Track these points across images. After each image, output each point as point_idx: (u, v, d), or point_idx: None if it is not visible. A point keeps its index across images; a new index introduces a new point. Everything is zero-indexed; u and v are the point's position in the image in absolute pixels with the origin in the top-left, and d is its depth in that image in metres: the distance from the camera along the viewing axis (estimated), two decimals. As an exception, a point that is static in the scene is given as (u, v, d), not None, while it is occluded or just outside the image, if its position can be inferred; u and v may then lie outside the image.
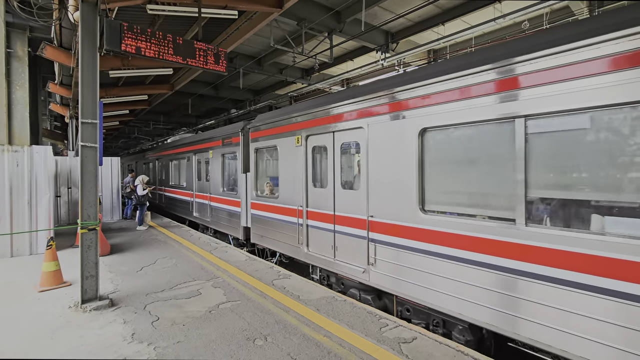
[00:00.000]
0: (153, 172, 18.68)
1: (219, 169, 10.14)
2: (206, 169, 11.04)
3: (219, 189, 10.17)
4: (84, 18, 4.70)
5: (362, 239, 5.15)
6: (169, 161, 15.44)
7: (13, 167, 7.61)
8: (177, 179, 14.38)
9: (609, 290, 2.78)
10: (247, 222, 8.70)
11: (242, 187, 8.82)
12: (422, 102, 4.31)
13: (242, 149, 8.92)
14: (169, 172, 15.31)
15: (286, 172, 6.97)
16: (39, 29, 9.27)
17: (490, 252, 3.59)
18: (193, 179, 12.22)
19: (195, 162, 11.80)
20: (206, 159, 11.03)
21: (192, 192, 12.28)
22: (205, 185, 11.21)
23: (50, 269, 5.62)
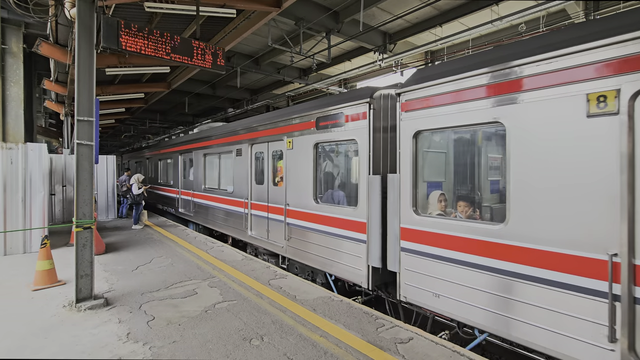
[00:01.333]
0: (168, 171, 15.39)
1: (307, 166, 6.34)
2: (273, 167, 7.59)
3: (306, 198, 6.34)
4: (81, 15, 4.65)
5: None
6: (199, 157, 11.60)
7: (7, 165, 7.53)
8: (214, 181, 10.71)
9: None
10: (388, 261, 4.85)
11: (367, 198, 5.13)
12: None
13: (371, 133, 5.13)
14: (197, 172, 11.67)
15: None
16: (35, 25, 9.16)
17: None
18: (248, 182, 8.44)
19: (251, 157, 8.38)
20: (275, 153, 7.52)
21: (244, 199, 8.52)
22: (277, 192, 7.33)
23: (45, 268, 5.57)
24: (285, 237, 6.85)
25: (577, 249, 3.01)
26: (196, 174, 11.65)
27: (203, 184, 11.13)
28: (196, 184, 11.63)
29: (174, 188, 13.96)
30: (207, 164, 11.05)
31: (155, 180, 17.13)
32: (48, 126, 21.65)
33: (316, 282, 6.42)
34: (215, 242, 9.14)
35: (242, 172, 8.57)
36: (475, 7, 8.33)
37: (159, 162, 16.62)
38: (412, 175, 4.48)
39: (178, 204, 13.46)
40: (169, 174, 15.07)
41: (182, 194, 13.07)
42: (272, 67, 13.09)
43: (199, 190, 11.34)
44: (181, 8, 6.07)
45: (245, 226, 8.36)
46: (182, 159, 13.27)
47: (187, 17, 7.15)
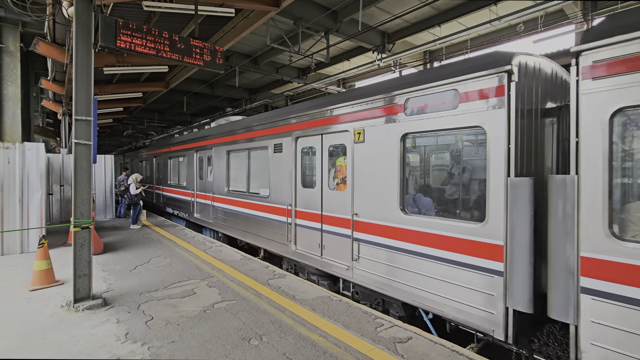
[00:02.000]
0: (180, 171, 13.31)
1: (389, 166, 4.81)
2: (331, 166, 5.98)
3: (388, 208, 4.83)
4: (79, 14, 4.63)
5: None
6: (221, 154, 9.72)
7: (4, 164, 7.49)
8: (242, 183, 8.87)
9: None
10: (550, 306, 3.36)
11: (504, 210, 3.66)
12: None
13: (512, 116, 3.64)
14: (219, 172, 9.86)
15: None
16: (32, 24, 9.14)
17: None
18: (291, 184, 6.72)
19: (296, 153, 6.65)
20: (335, 148, 5.86)
21: (286, 206, 6.85)
22: (336, 199, 5.75)
23: (42, 268, 5.55)
24: (352, 257, 5.29)
25: None
26: (217, 175, 9.86)
27: (226, 186, 9.40)
28: (217, 186, 9.85)
29: (188, 190, 12.09)
30: (233, 163, 9.28)
31: (164, 181, 15.18)
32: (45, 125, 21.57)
33: (390, 314, 5.00)
34: (214, 241, 9.12)
35: (282, 172, 6.91)
36: (474, 7, 8.35)
37: (169, 160, 14.47)
38: (607, 179, 2.93)
39: (193, 209, 11.62)
40: (182, 174, 13.12)
41: (199, 197, 11.22)
42: (271, 67, 13.08)
43: (221, 193, 9.59)
44: (179, 7, 6.05)
45: (288, 239, 6.69)
46: (199, 156, 11.36)
47: (186, 16, 7.13)
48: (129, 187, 11.44)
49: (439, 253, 4.20)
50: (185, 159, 12.71)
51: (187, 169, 12.42)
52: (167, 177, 14.77)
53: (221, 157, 9.66)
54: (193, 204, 11.72)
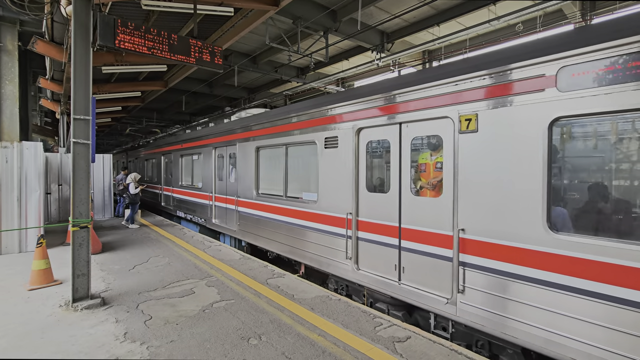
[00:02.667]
0: (194, 171, 11.88)
1: (524, 164, 3.51)
2: (412, 165, 4.67)
3: (521, 224, 3.52)
4: (77, 12, 4.62)
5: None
6: (248, 151, 8.32)
7: (2, 164, 7.47)
8: (277, 185, 7.50)
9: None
10: None
11: None
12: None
13: None
14: (246, 172, 8.42)
15: None
16: (30, 23, 9.10)
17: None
18: (349, 187, 5.46)
19: (357, 148, 5.37)
20: (420, 140, 4.66)
21: (344, 215, 5.54)
22: (423, 207, 4.48)
23: (41, 267, 5.54)
24: (456, 287, 3.94)
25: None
26: (243, 175, 8.52)
27: (255, 188, 8.01)
28: (244, 188, 8.49)
29: (205, 192, 10.66)
30: (264, 161, 7.93)
31: (174, 182, 13.69)
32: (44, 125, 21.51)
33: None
34: (213, 241, 9.11)
35: (338, 172, 5.62)
36: (473, 6, 8.36)
37: (181, 159, 12.96)
38: None
39: (211, 213, 10.23)
40: (196, 174, 11.71)
41: (218, 201, 9.89)
42: (270, 66, 13.06)
43: (249, 196, 8.21)
44: (178, 6, 6.04)
45: (347, 256, 5.36)
46: (218, 154, 10.00)
47: (185, 15, 7.11)
48: (128, 187, 11.41)
49: (615, 291, 2.90)
50: (200, 156, 11.16)
51: (203, 168, 10.91)
52: (178, 177, 13.23)
53: (248, 154, 8.26)
54: (211, 208, 10.27)
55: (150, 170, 17.35)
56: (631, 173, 3.03)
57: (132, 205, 11.37)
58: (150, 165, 17.51)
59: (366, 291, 5.39)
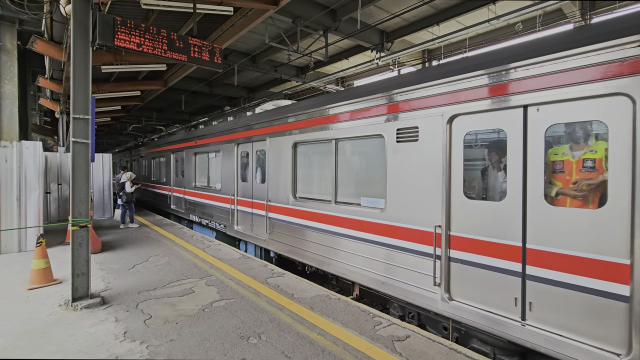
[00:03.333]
0: (213, 171, 10.56)
1: None
2: (552, 164, 3.46)
3: None
4: (76, 11, 4.61)
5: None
6: (283, 147, 7.14)
7: (1, 163, 7.46)
8: (323, 189, 6.35)
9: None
10: None
11: None
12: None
13: None
14: (279, 172, 7.25)
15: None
16: (29, 22, 9.08)
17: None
18: (437, 193, 4.27)
19: (452, 143, 4.19)
20: (573, 129, 3.36)
21: (430, 228, 4.32)
22: (563, 225, 3.26)
23: (40, 267, 5.54)
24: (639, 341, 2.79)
25: None
26: (276, 176, 7.27)
27: (292, 191, 6.80)
28: (276, 191, 7.26)
29: (224, 195, 9.54)
30: (303, 159, 6.72)
31: (187, 183, 12.38)
32: (43, 124, 21.49)
33: None
34: (213, 240, 9.11)
35: (416, 172, 4.46)
36: (472, 6, 8.36)
37: (194, 157, 11.71)
38: None
39: (232, 219, 9.04)
40: (214, 175, 10.53)
41: (241, 205, 8.76)
42: (269, 65, 13.06)
43: (283, 201, 7.01)
44: (178, 5, 6.03)
45: (436, 281, 4.16)
46: (240, 151, 8.86)
47: (184, 14, 7.11)
48: (124, 186, 11.29)
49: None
50: (219, 154, 9.89)
51: (222, 167, 9.69)
52: (191, 177, 12.00)
53: (283, 151, 7.06)
54: (232, 213, 9.10)
55: (158, 170, 16.06)
56: None
57: (128, 205, 11.26)
58: (157, 165, 16.18)
59: (452, 323, 4.28)
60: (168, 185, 14.37)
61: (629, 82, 2.85)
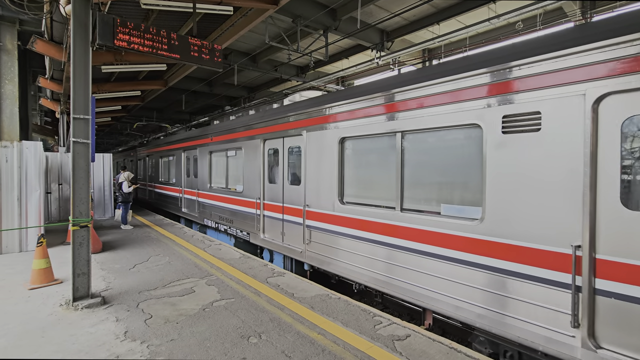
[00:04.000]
0: (243, 172, 8.65)
1: None
2: None
3: None
4: (76, 12, 4.61)
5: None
6: (328, 144, 6.01)
7: (2, 163, 7.47)
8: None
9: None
10: None
11: None
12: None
13: None
14: (327, 173, 6.05)
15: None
16: (29, 22, 9.09)
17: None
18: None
19: (591, 131, 3.07)
20: None
21: (573, 250, 3.14)
22: None
23: (41, 267, 5.55)
24: None
25: None
26: (316, 177, 6.20)
27: (338, 195, 5.72)
28: (316, 195, 6.17)
29: (246, 198, 8.39)
30: (352, 157, 5.64)
31: (198, 184, 11.35)
32: (43, 124, 21.51)
33: None
34: (213, 240, 9.12)
35: (530, 172, 3.50)
36: (472, 5, 8.35)
37: (209, 156, 10.62)
38: None
39: (258, 226, 7.94)
40: (233, 175, 9.42)
41: (269, 210, 7.62)
42: (269, 65, 13.05)
43: (326, 206, 5.93)
44: (178, 5, 6.03)
45: (575, 322, 3.13)
46: (268, 149, 7.70)
47: (184, 14, 7.11)
48: (121, 186, 11.17)
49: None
50: (241, 152, 8.75)
51: (245, 167, 8.43)
52: (205, 178, 10.83)
53: (326, 148, 5.96)
54: (257, 219, 7.92)
55: (167, 170, 14.95)
56: None
57: (124, 205, 11.06)
58: (166, 164, 15.02)
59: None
60: (178, 187, 13.33)
61: None
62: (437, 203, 4.41)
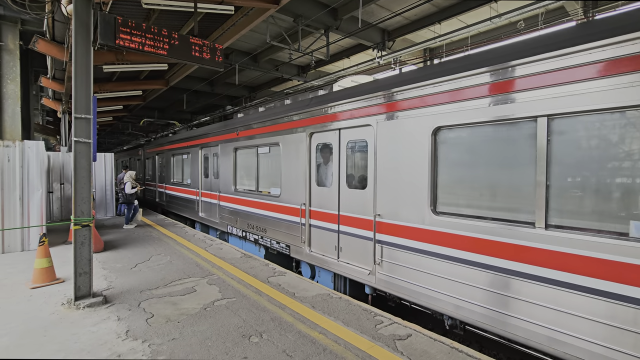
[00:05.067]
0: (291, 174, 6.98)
1: None
2: None
3: None
4: (78, 11, 4.62)
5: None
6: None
7: (4, 162, 7.49)
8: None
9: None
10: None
11: None
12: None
13: None
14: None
15: None
16: (31, 22, 9.12)
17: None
18: None
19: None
20: None
21: None
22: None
23: (43, 266, 5.56)
24: None
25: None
26: (394, 178, 4.83)
27: (430, 202, 4.37)
28: (394, 203, 4.82)
29: (286, 204, 6.98)
30: (452, 153, 4.29)
31: (221, 186, 9.83)
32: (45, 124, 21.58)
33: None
34: (214, 239, 9.13)
35: None
36: (474, 4, 8.33)
37: (234, 153, 9.17)
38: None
39: (302, 237, 6.50)
40: (265, 176, 8.13)
41: (316, 218, 6.25)
42: (271, 64, 13.05)
43: (409, 218, 4.62)
44: (179, 5, 6.03)
45: None
46: (316, 144, 6.32)
47: (185, 13, 7.11)
48: (124, 186, 11.06)
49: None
50: (277, 149, 7.40)
51: (283, 166, 7.08)
52: (230, 179, 9.34)
53: (406, 141, 4.66)
54: (302, 230, 6.53)
55: (180, 170, 13.69)
56: None
57: (127, 205, 11.04)
58: (179, 163, 13.73)
59: None
60: (194, 189, 11.83)
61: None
62: (618, 219, 3.01)
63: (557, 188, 3.36)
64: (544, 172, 3.40)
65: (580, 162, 3.24)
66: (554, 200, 3.38)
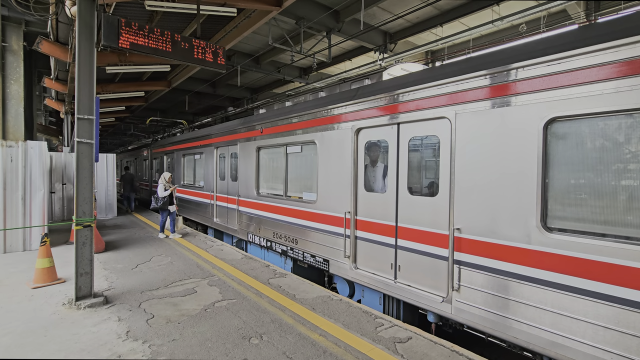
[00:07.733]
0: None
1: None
2: None
3: None
4: (81, 13, 4.65)
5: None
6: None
7: (7, 163, 7.53)
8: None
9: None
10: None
11: None
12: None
13: None
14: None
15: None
16: (35, 23, 9.18)
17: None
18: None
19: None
20: None
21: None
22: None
23: (44, 266, 5.58)
24: None
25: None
26: (483, 184, 3.77)
27: (539, 215, 3.29)
28: (486, 214, 3.73)
29: (323, 211, 5.98)
30: (566, 150, 3.19)
31: (240, 188, 8.76)
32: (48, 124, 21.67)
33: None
34: (215, 240, 9.13)
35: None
36: (476, 7, 8.34)
37: (257, 153, 8.06)
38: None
39: (346, 251, 5.46)
40: (294, 179, 7.10)
41: (362, 229, 5.26)
42: (273, 66, 13.09)
43: (506, 235, 3.54)
44: (182, 6, 6.07)
45: None
46: (366, 142, 5.28)
47: (188, 15, 7.15)
48: (156, 190, 9.38)
49: None
50: (311, 148, 6.46)
51: (320, 167, 6.07)
52: (251, 181, 8.22)
53: (495, 138, 3.69)
54: (344, 243, 5.53)
55: (192, 171, 12.39)
56: None
57: (162, 212, 9.38)
58: (190, 164, 12.48)
59: None
60: (209, 192, 10.62)
61: None
62: None
63: None
64: None
65: None
66: None
